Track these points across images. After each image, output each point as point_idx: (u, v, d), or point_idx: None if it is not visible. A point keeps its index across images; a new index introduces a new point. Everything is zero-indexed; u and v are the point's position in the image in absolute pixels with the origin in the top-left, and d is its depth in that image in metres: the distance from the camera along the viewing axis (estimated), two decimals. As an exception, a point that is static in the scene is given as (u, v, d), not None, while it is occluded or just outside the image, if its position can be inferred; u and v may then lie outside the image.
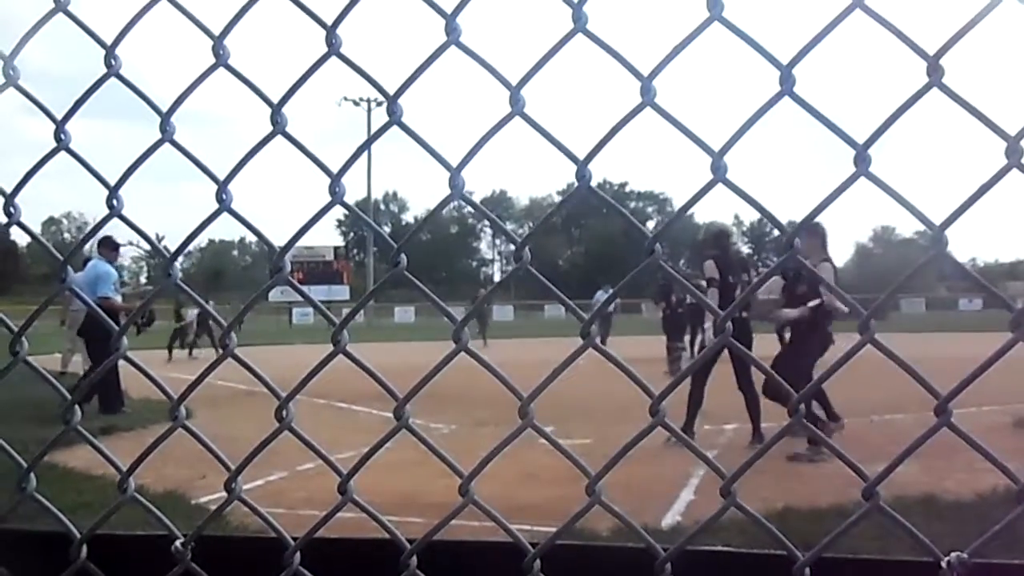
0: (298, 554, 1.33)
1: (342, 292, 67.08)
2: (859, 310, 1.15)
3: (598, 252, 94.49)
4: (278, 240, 1.60)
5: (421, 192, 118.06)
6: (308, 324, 51.79)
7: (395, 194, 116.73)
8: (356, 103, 67.94)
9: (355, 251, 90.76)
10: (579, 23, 1.20)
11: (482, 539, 1.41)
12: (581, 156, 1.21)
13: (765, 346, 9.19)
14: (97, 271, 12.73)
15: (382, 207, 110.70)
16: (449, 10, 1.24)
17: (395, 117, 1.27)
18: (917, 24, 1.13)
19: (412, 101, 1.27)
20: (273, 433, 1.34)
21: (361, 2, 1.29)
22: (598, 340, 1.21)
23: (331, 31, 1.28)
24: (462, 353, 1.26)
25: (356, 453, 1.37)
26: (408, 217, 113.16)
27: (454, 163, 1.26)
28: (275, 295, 59.36)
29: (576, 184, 1.22)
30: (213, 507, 6.74)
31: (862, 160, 1.12)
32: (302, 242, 1.42)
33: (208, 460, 1.40)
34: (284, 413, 1.32)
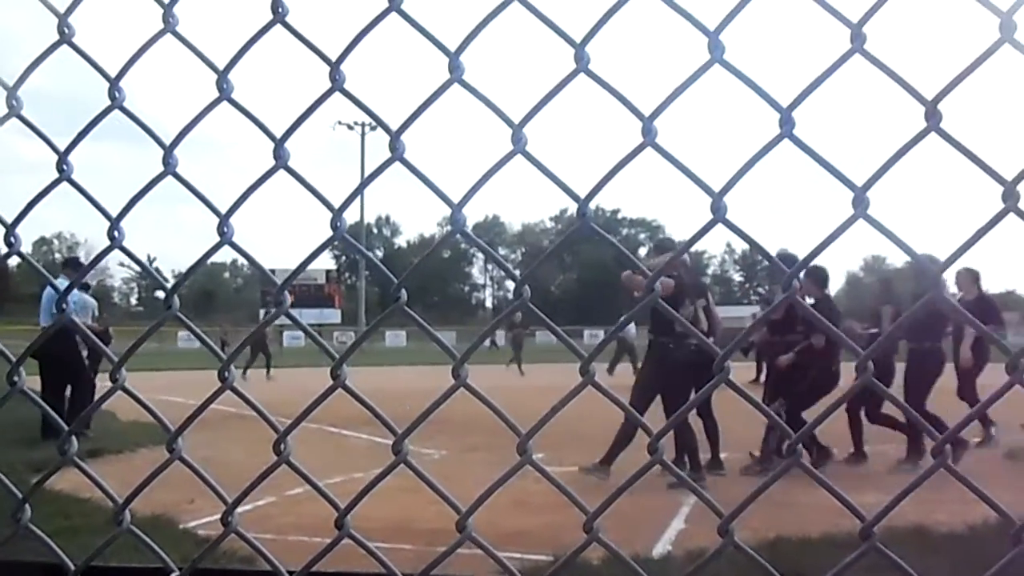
0: (293, 588, 1.33)
1: (333, 316, 67.01)
2: (857, 350, 1.16)
3: (590, 279, 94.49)
4: (269, 260, 1.61)
5: (414, 217, 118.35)
6: (299, 347, 51.61)
7: (388, 218, 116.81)
8: (350, 127, 68.16)
9: (347, 275, 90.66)
10: (581, 63, 1.21)
11: (474, 569, 1.41)
12: (579, 190, 1.23)
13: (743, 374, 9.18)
14: (54, 293, 12.65)
15: (374, 231, 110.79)
16: (452, 47, 1.26)
17: (397, 154, 1.27)
18: (918, 66, 1.15)
19: (411, 129, 1.28)
20: (271, 467, 1.34)
21: (364, 38, 1.30)
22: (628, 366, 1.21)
23: (335, 67, 1.29)
24: (449, 376, 1.26)
25: (346, 478, 1.37)
26: (400, 241, 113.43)
27: (451, 192, 1.27)
28: (266, 318, 59.05)
29: (577, 219, 1.23)
30: (201, 532, 6.66)
31: (860, 203, 1.13)
32: (294, 264, 1.43)
33: (197, 484, 1.40)
34: (282, 447, 1.32)
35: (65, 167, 1.38)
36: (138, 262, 1.40)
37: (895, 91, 1.13)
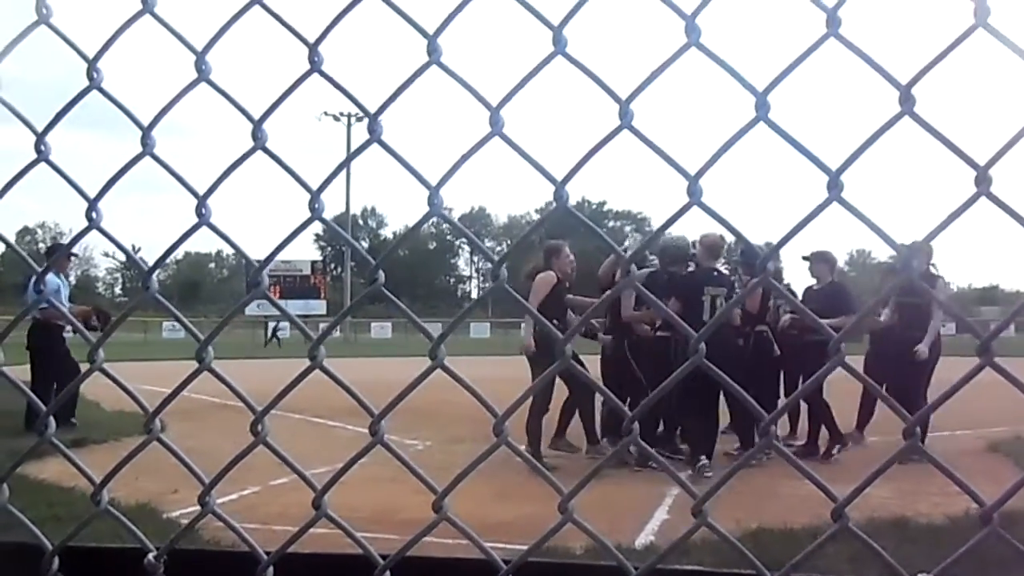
0: (271, 569, 1.33)
1: (319, 307, 66.79)
2: (831, 333, 1.17)
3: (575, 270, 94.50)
4: (254, 252, 1.61)
5: (399, 208, 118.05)
6: (283, 338, 51.47)
7: (373, 209, 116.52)
8: (336, 118, 67.94)
9: (333, 266, 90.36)
10: (559, 46, 1.22)
11: (455, 556, 1.42)
12: (558, 176, 1.23)
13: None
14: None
15: (360, 222, 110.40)
16: (431, 30, 1.26)
17: (375, 135, 1.28)
18: (893, 51, 1.16)
19: (392, 115, 1.28)
20: (248, 447, 1.35)
21: (343, 18, 1.30)
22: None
23: (313, 48, 1.30)
24: (439, 370, 1.26)
25: (331, 468, 1.37)
26: (387, 232, 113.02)
27: (432, 179, 1.27)
28: (252, 309, 58.95)
29: (554, 204, 1.24)
30: (185, 521, 6.67)
31: (834, 186, 1.14)
32: (280, 256, 1.43)
33: (181, 474, 1.40)
34: (259, 427, 1.32)
35: (43, 147, 1.38)
36: (116, 243, 1.40)
37: (870, 76, 1.14)
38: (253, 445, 1.34)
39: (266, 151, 1.31)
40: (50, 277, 12.50)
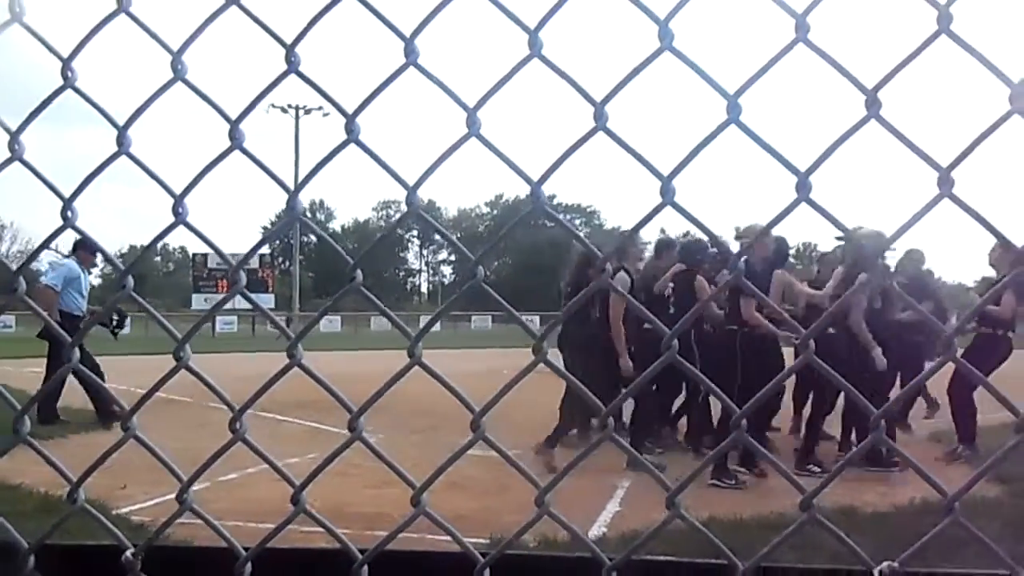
0: (249, 564, 1.34)
1: (267, 301, 66.22)
2: (799, 330, 1.21)
3: (525, 263, 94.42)
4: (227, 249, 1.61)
5: (348, 201, 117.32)
6: (231, 332, 51.02)
7: (322, 203, 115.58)
8: (284, 110, 67.39)
9: (281, 260, 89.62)
10: (535, 48, 1.24)
11: (433, 549, 1.44)
12: (530, 174, 1.26)
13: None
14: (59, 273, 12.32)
15: (309, 215, 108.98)
16: (407, 32, 1.28)
17: (353, 135, 1.29)
18: (861, 55, 1.20)
19: (367, 113, 1.30)
20: (226, 445, 1.36)
21: (319, 20, 1.31)
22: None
23: (290, 49, 1.31)
24: (384, 360, 1.28)
25: (281, 463, 1.38)
26: (334, 226, 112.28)
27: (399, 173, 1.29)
28: (199, 303, 58.45)
29: (532, 202, 1.26)
30: (135, 518, 6.55)
31: (803, 187, 1.17)
32: (227, 249, 1.44)
33: (129, 470, 1.41)
34: (238, 425, 1.34)
35: (17, 146, 1.37)
36: (91, 241, 1.40)
37: (838, 80, 1.18)
38: (232, 442, 1.35)
39: (244, 151, 1.32)
40: (73, 268, 12.28)
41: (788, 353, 9.15)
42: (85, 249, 12.36)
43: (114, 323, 12.68)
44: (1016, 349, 10.09)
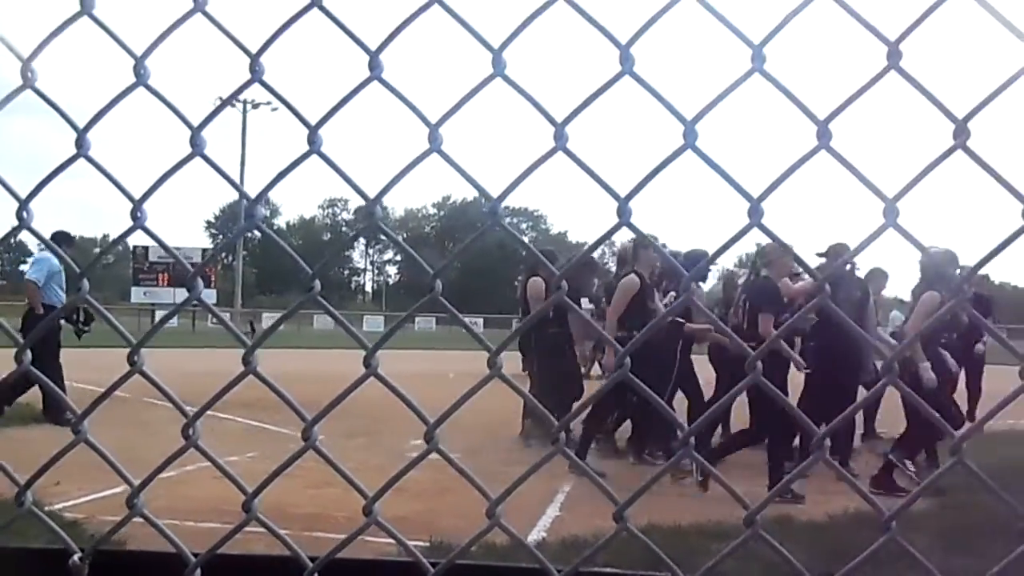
0: (199, 571, 1.34)
1: (209, 296, 65.39)
2: (747, 351, 1.24)
3: (472, 266, 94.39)
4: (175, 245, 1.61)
5: (293, 198, 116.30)
6: (172, 328, 50.25)
7: (267, 199, 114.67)
8: (232, 105, 66.36)
9: (224, 254, 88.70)
10: (498, 68, 1.26)
11: (383, 558, 1.45)
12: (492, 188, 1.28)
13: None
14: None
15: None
16: (373, 46, 1.29)
17: (315, 147, 1.30)
18: (814, 86, 1.23)
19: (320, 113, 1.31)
20: (179, 451, 1.36)
21: (285, 31, 1.32)
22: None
23: (255, 59, 1.31)
24: (330, 360, 1.29)
25: (226, 461, 1.38)
26: (280, 222, 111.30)
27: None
28: (138, 296, 57.58)
29: (489, 218, 1.29)
30: (68, 515, 6.44)
31: (755, 212, 1.21)
32: (170, 243, 1.43)
33: (63, 466, 1.40)
34: (191, 431, 1.34)
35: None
36: (46, 242, 1.39)
37: (790, 110, 1.21)
38: (184, 448, 1.35)
39: (205, 158, 1.32)
40: (54, 261, 12.03)
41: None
42: (66, 242, 12.17)
43: (80, 322, 12.51)
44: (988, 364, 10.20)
